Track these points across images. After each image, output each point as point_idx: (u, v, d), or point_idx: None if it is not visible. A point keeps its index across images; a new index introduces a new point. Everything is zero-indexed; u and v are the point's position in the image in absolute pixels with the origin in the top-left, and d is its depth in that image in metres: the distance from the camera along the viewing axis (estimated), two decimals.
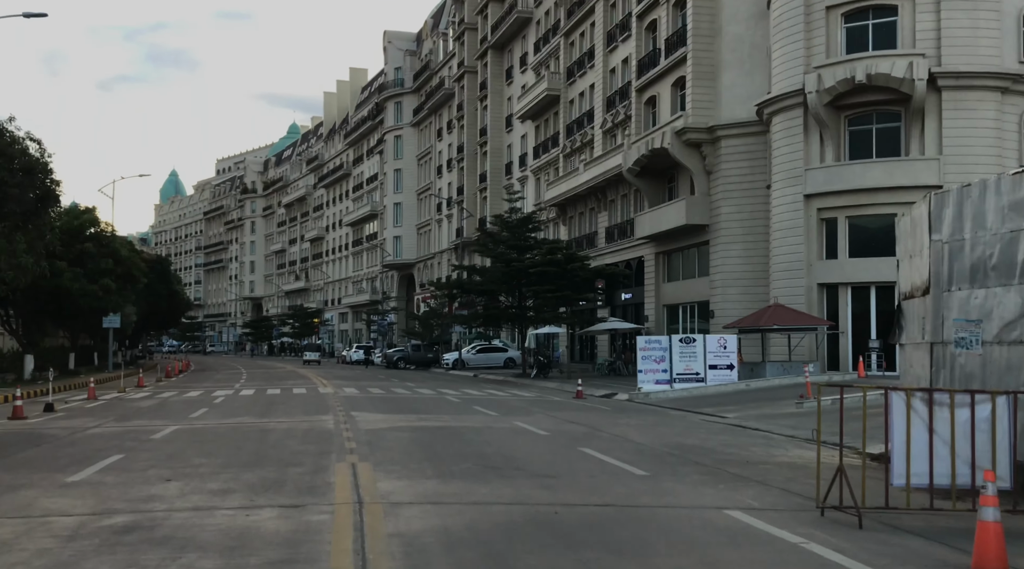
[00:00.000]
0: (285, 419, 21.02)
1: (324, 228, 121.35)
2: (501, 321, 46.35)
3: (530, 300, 45.29)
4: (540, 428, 19.21)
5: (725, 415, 23.77)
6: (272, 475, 12.29)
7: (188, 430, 18.76)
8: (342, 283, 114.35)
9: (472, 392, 33.55)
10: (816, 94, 34.15)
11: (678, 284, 44.85)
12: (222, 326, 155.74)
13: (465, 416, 22.30)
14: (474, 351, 58.43)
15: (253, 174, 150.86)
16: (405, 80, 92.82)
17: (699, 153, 40.99)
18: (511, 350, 59.34)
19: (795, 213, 35.29)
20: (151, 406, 26.23)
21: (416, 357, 63.77)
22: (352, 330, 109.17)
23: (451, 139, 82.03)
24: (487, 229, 46.56)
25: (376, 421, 20.48)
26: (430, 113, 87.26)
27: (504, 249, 44.03)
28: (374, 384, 38.93)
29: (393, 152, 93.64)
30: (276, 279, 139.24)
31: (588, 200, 53.75)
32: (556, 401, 29.36)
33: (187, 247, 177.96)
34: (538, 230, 46.83)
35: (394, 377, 47.57)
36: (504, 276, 43.35)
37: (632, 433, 18.74)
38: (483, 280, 44.13)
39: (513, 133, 68.71)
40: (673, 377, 30.86)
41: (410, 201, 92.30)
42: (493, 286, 43.22)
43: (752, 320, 32.66)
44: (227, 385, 38.45)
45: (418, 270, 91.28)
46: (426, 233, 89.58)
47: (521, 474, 12.50)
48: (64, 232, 36.53)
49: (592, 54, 54.37)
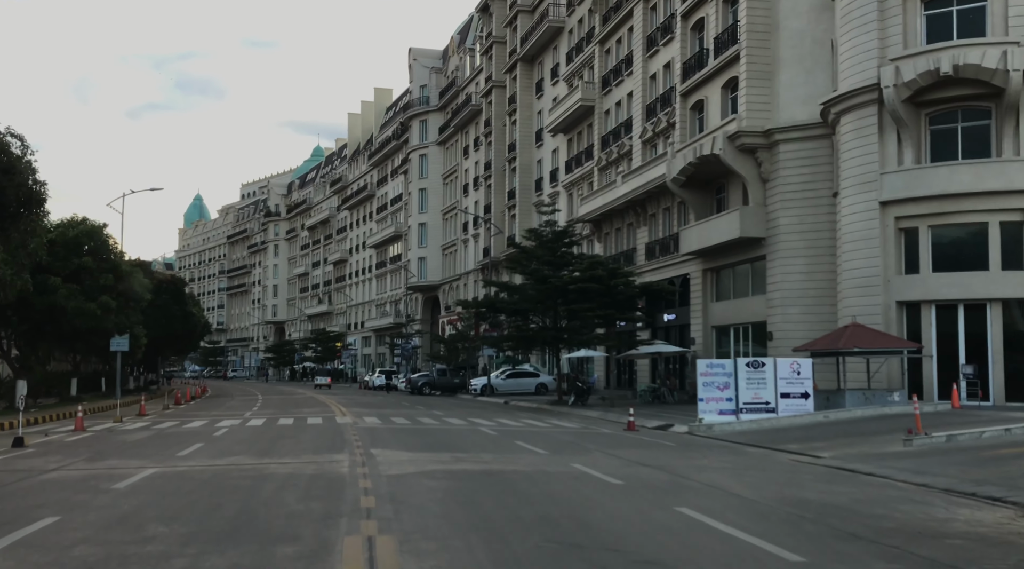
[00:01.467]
0: (289, 460, 16.92)
1: (347, 250, 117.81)
2: (535, 343, 42.05)
3: (566, 320, 41.11)
4: (608, 474, 15.03)
5: (818, 455, 19.50)
6: (249, 561, 8.21)
7: (165, 476, 14.72)
8: (365, 306, 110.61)
9: (508, 422, 29.38)
10: (893, 89, 30.00)
11: (728, 304, 40.59)
12: (244, 351, 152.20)
13: (510, 455, 18.14)
14: (503, 376, 54.26)
15: (277, 197, 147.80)
16: (431, 98, 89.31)
17: (754, 159, 36.86)
18: (543, 375, 55.16)
19: (869, 222, 31.04)
20: (139, 440, 22.24)
21: (442, 382, 59.66)
22: (375, 354, 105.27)
23: (478, 157, 78.29)
24: (520, 244, 42.34)
25: (402, 462, 16.37)
26: (456, 131, 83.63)
27: (538, 265, 39.93)
28: (398, 412, 34.86)
29: (418, 171, 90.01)
30: (299, 303, 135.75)
31: (626, 215, 49.67)
32: (607, 434, 25.17)
33: (210, 271, 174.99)
34: (575, 244, 42.70)
35: (419, 404, 43.49)
36: (539, 294, 39.26)
37: (725, 481, 14.55)
38: (515, 299, 39.95)
39: (543, 148, 64.83)
40: (739, 407, 26.59)
41: (435, 221, 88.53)
42: (527, 305, 39.07)
43: (828, 342, 28.37)
44: (237, 414, 34.48)
45: (443, 292, 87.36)
46: (451, 254, 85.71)
47: (619, 562, 8.34)
48: (59, 245, 32.80)
49: (630, 60, 50.46)
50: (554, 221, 42.12)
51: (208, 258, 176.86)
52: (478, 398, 52.30)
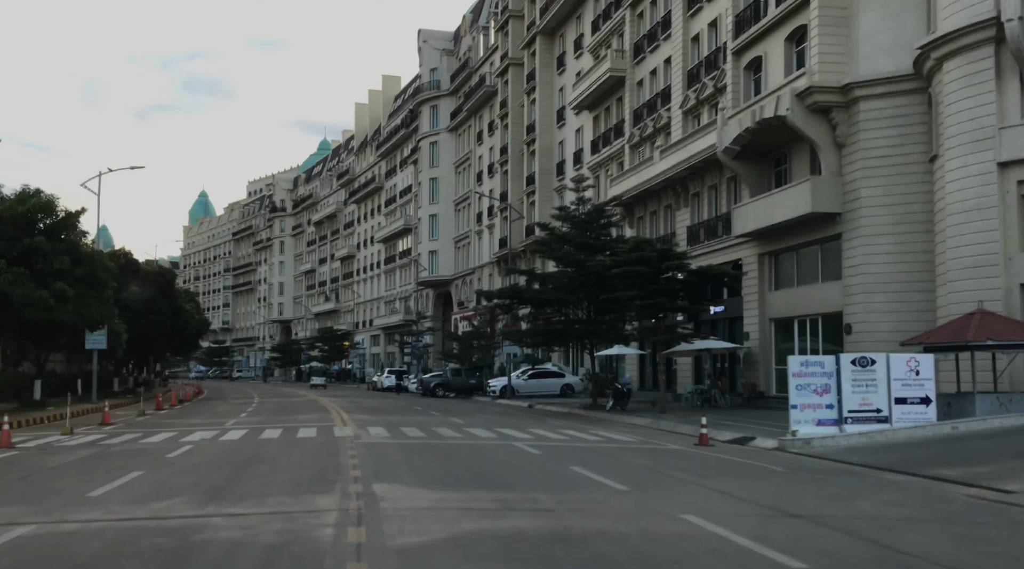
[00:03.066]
0: (247, 508, 10.97)
1: (355, 246, 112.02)
2: (565, 339, 35.84)
3: (594, 312, 35.18)
4: (759, 540, 9.06)
5: (1003, 488, 13.57)
6: None
7: (21, 550, 8.80)
8: (374, 303, 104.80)
9: (547, 435, 23.46)
10: (1018, 22, 24.04)
11: (792, 292, 34.60)
12: (251, 350, 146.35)
13: (577, 495, 12.20)
14: (525, 376, 48.33)
15: (282, 192, 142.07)
16: (441, 82, 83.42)
17: (827, 121, 30.87)
18: (568, 375, 49.24)
19: (983, 189, 25.07)
20: (60, 466, 16.37)
21: (456, 383, 53.80)
22: (384, 353, 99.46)
23: (492, 142, 72.37)
24: (549, 226, 36.24)
25: (420, 514, 10.46)
26: (469, 115, 77.73)
27: (571, 249, 33.98)
28: (410, 420, 28.99)
29: (429, 160, 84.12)
30: (306, 300, 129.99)
31: (663, 195, 43.71)
32: (680, 452, 19.27)
33: (216, 269, 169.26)
34: (612, 226, 36.62)
35: (433, 408, 37.64)
36: (572, 281, 33.35)
37: (955, 552, 8.64)
38: (545, 288, 33.86)
39: (566, 127, 58.88)
40: (844, 415, 20.64)
41: (447, 212, 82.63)
42: (558, 294, 33.04)
43: (949, 333, 22.37)
44: (218, 422, 28.65)
45: (455, 287, 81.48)
46: (464, 247, 79.81)
47: None
48: (6, 220, 27.02)
49: (667, 22, 44.48)
50: (587, 198, 36.06)
51: (213, 256, 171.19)
52: (497, 401, 46.43)
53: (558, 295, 32.90)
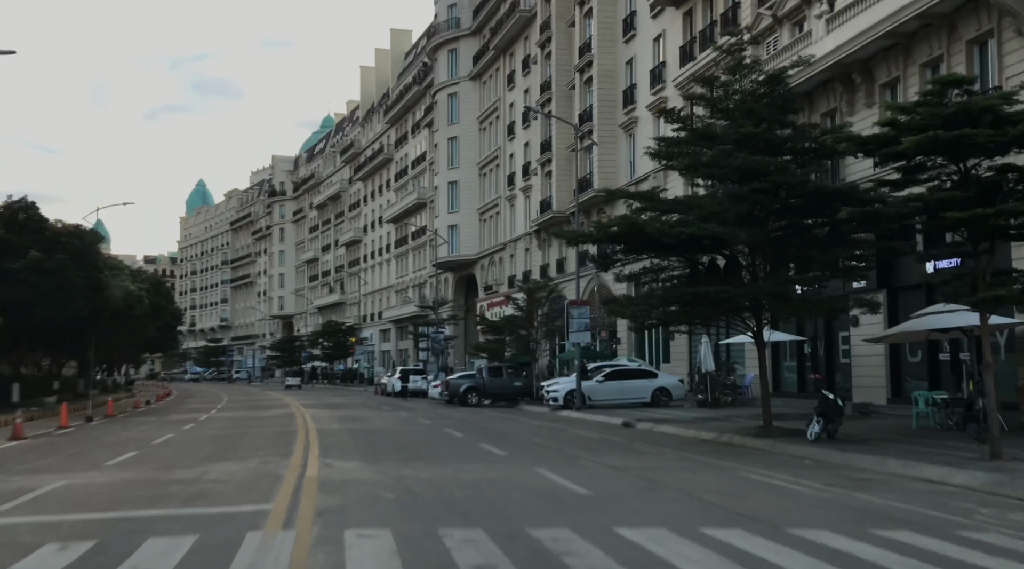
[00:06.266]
0: None
1: (361, 229, 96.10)
2: (727, 307, 18.71)
3: (766, 265, 19.09)
4: None
5: None
6: None
7: None
8: (383, 293, 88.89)
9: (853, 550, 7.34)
10: None
11: None
12: (250, 349, 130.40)
13: None
14: (600, 377, 32.25)
15: (282, 174, 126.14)
16: (461, 19, 67.27)
17: None
18: (661, 375, 33.14)
19: None
20: None
21: (496, 387, 37.79)
22: (395, 350, 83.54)
23: (528, 83, 56.33)
24: (679, 115, 19.54)
25: None
26: (497, 55, 61.72)
27: (730, 147, 17.84)
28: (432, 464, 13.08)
29: (447, 116, 68.04)
30: (308, 293, 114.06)
31: (830, 89, 27.64)
32: None
33: (213, 262, 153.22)
34: (793, 111, 20.12)
35: (473, 430, 21.73)
36: (745, 203, 17.22)
37: None
38: (692, 217, 17.26)
39: (637, 40, 42.69)
40: None
41: (469, 178, 66.58)
42: (718, 228, 16.63)
43: None
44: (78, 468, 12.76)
45: (481, 269, 65.50)
46: (491, 219, 63.81)
47: None
48: None
49: None
50: (746, 63, 19.60)
51: (211, 248, 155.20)
52: (562, 413, 30.45)
53: (715, 229, 16.67)
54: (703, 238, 16.97)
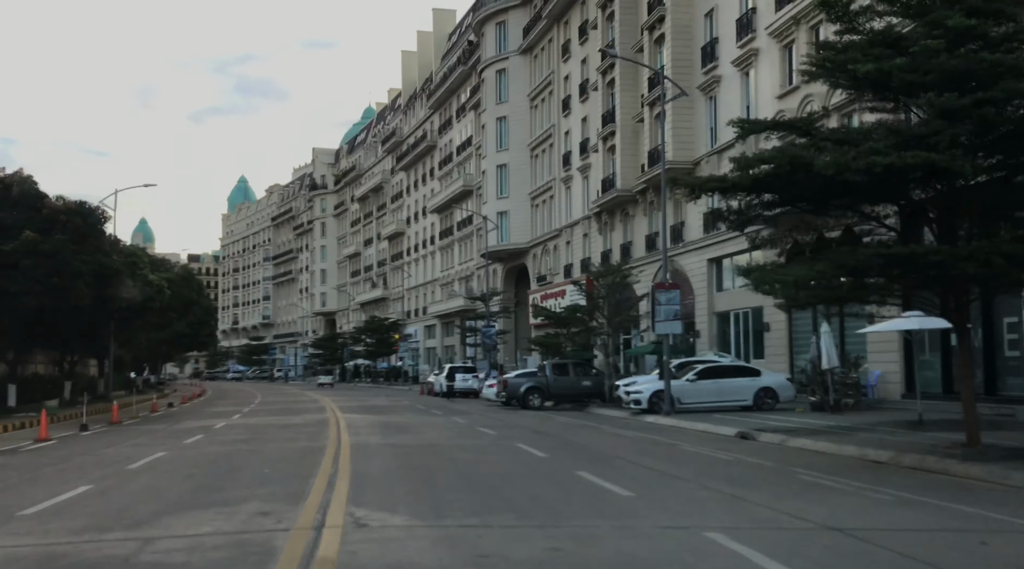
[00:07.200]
0: None
1: (404, 221, 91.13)
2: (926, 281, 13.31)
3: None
4: None
5: None
6: None
7: None
8: (427, 288, 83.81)
9: None
10: None
11: None
12: (292, 347, 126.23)
13: None
14: (692, 375, 26.59)
15: (323, 167, 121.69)
16: None
17: None
18: (766, 374, 27.36)
19: None
20: None
21: (562, 386, 32.30)
22: (441, 347, 78.38)
23: (585, 51, 50.77)
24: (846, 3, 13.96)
25: None
26: (550, 24, 56.23)
27: (935, 43, 12.25)
28: (530, 513, 7.64)
29: (495, 94, 62.68)
30: (351, 289, 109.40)
31: None
32: None
33: (255, 259, 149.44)
34: None
35: (559, 449, 16.33)
36: (980, 118, 11.54)
37: None
38: (882, 146, 11.95)
39: None
40: None
41: (519, 161, 61.14)
42: (937, 156, 11.13)
43: None
44: None
45: (533, 258, 60.05)
46: (544, 204, 58.33)
47: None
48: None
49: None
50: None
51: (253, 245, 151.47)
52: (646, 418, 24.90)
53: (933, 157, 11.02)
54: (911, 170, 11.25)
